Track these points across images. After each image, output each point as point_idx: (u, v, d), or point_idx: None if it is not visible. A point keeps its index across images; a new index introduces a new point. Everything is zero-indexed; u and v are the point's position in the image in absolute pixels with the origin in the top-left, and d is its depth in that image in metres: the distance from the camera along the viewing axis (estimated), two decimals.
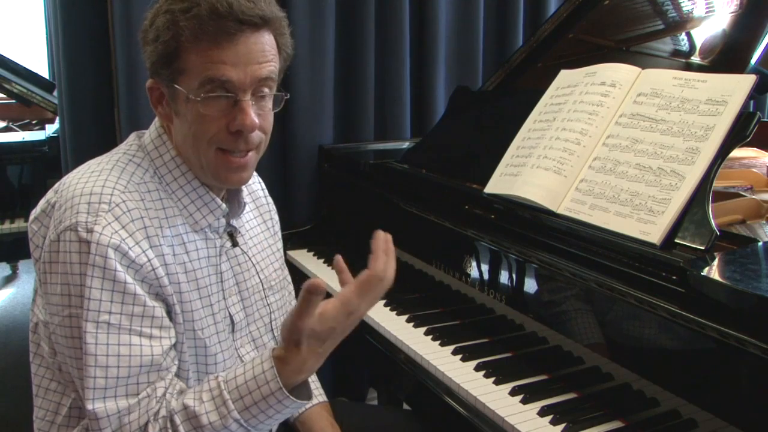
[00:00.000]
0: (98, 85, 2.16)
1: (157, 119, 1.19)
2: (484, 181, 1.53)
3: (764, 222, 1.43)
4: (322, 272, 1.91)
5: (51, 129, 3.24)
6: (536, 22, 2.77)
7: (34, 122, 3.81)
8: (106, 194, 1.05)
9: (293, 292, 1.51)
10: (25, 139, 3.22)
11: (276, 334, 1.32)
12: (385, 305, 1.64)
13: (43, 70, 4.11)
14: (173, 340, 1.08)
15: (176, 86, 1.07)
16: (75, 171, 1.13)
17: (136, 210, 1.06)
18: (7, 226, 3.03)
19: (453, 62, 2.66)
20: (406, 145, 2.29)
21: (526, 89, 1.91)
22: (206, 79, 1.05)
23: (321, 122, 2.35)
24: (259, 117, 1.10)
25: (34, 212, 1.12)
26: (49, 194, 1.12)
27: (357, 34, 2.40)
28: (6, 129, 3.66)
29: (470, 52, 2.67)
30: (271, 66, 1.10)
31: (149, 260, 1.05)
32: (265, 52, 1.09)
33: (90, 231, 1.00)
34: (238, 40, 1.05)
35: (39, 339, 1.13)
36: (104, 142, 2.21)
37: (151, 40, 1.08)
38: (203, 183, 1.16)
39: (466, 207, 1.57)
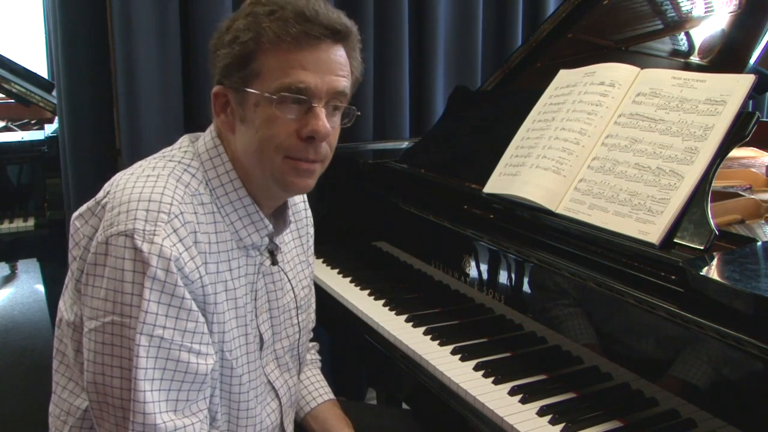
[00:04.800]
0: (97, 85, 2.16)
1: (213, 126, 1.16)
2: (483, 181, 1.53)
3: (763, 222, 1.43)
4: (322, 272, 1.91)
5: (50, 129, 3.23)
6: (535, 21, 2.77)
7: (33, 122, 3.80)
8: (165, 203, 1.01)
9: (314, 305, 1.47)
10: (24, 139, 3.21)
11: (300, 353, 1.31)
12: (384, 305, 1.64)
13: (42, 69, 4.11)
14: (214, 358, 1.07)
15: (248, 89, 1.06)
16: (127, 172, 1.09)
17: (192, 223, 1.03)
18: (6, 226, 3.02)
19: (452, 62, 2.66)
20: (405, 144, 2.28)
21: (525, 89, 1.91)
22: (284, 84, 1.03)
23: None
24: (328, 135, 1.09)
25: (80, 209, 1.08)
26: (99, 194, 1.08)
27: None
28: (5, 129, 3.66)
29: (469, 51, 2.68)
30: (346, 81, 1.10)
31: (200, 277, 1.03)
32: (342, 66, 1.09)
33: (150, 242, 0.97)
34: (319, 46, 1.05)
35: (63, 336, 1.11)
36: (103, 142, 2.21)
37: (226, 42, 1.07)
38: (254, 201, 1.14)
39: (465, 207, 1.57)
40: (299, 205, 1.37)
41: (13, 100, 3.61)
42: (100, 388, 1.01)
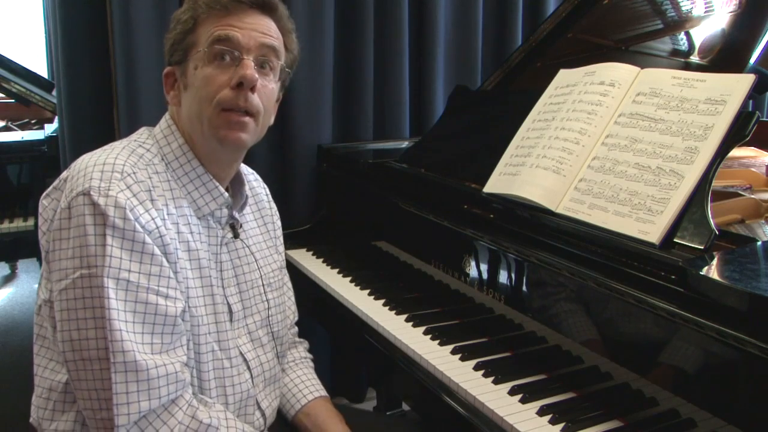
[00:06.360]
0: (97, 84, 2.15)
1: (167, 114, 1.25)
2: (483, 181, 1.53)
3: (763, 221, 1.43)
4: (322, 271, 1.91)
5: (50, 128, 3.24)
6: (535, 21, 2.77)
7: (33, 122, 3.81)
8: (118, 164, 1.10)
9: (293, 298, 1.52)
10: (24, 139, 3.22)
11: (272, 330, 1.34)
12: (384, 305, 1.64)
13: (42, 69, 4.11)
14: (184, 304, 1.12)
15: (188, 59, 1.18)
16: (85, 154, 1.17)
17: (145, 182, 1.11)
18: (6, 226, 3.03)
19: (452, 61, 2.66)
20: (405, 144, 2.29)
21: (525, 89, 1.91)
22: (214, 38, 1.16)
23: (320, 122, 2.35)
24: (260, 90, 1.18)
25: (47, 190, 1.15)
26: (63, 173, 1.15)
27: (356, 33, 2.40)
28: (5, 128, 3.66)
29: (469, 51, 2.67)
30: (276, 42, 1.21)
31: (158, 227, 1.09)
32: (270, 30, 1.21)
33: (106, 196, 1.04)
34: (247, 11, 1.18)
35: (42, 320, 1.14)
36: (103, 142, 2.18)
37: (171, 28, 1.22)
38: (207, 171, 1.21)
39: (465, 206, 1.57)
40: (261, 195, 1.44)
41: (13, 100, 3.61)
42: (75, 345, 1.03)
